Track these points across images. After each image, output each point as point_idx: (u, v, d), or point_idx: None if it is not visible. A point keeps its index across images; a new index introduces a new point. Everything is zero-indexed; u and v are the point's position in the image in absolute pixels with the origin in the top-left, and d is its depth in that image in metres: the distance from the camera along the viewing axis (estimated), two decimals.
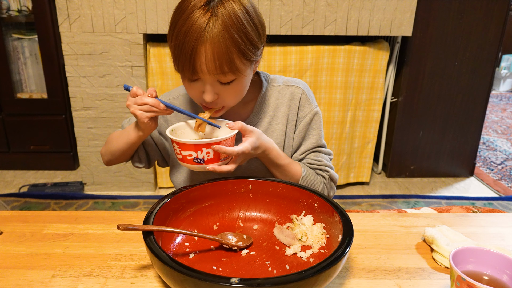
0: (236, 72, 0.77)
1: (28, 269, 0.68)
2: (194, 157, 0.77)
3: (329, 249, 0.69)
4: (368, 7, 1.98)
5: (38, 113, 2.41)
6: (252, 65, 0.82)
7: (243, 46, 0.75)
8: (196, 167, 0.79)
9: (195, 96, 0.84)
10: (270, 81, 0.97)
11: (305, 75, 2.10)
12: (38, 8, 2.19)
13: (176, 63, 0.78)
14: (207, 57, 0.74)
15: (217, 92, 0.80)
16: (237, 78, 0.79)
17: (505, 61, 4.62)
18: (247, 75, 0.81)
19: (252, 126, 0.83)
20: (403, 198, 2.30)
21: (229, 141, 0.78)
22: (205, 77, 0.78)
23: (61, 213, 0.86)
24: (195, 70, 0.76)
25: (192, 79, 0.80)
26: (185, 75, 0.79)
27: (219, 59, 0.74)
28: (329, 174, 0.96)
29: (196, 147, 0.76)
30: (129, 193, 2.29)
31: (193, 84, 0.81)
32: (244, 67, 0.79)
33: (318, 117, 0.97)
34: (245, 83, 0.83)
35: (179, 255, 0.69)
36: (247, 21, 0.76)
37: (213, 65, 0.74)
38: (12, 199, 2.19)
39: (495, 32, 2.22)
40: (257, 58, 0.82)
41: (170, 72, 2.06)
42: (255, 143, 0.81)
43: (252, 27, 0.77)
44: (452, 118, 2.40)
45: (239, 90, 0.82)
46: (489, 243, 0.78)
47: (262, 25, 0.81)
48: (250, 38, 0.77)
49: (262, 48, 0.83)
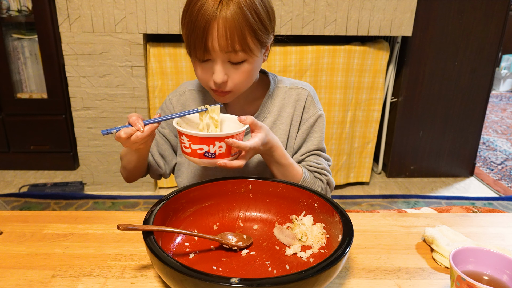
0: (248, 51, 0.78)
1: (28, 269, 0.68)
2: (205, 151, 0.74)
3: (329, 249, 0.69)
4: (368, 7, 1.98)
5: (38, 113, 2.41)
6: (263, 50, 0.83)
7: (255, 25, 0.77)
8: (206, 162, 0.75)
9: (204, 79, 0.84)
10: (277, 82, 0.98)
11: (305, 75, 2.10)
12: (38, 8, 2.19)
13: (188, 42, 0.79)
14: (220, 34, 0.75)
15: (227, 73, 0.81)
16: (247, 60, 0.80)
17: (505, 61, 4.62)
18: (257, 57, 0.82)
19: (261, 122, 0.83)
20: (403, 198, 2.30)
21: (240, 135, 0.76)
22: (216, 56, 0.78)
23: (61, 213, 0.86)
24: (207, 48, 0.77)
25: (203, 59, 0.80)
26: (196, 54, 0.79)
27: (231, 36, 0.75)
28: (327, 179, 0.96)
29: (208, 140, 0.73)
30: (129, 193, 2.29)
31: (204, 65, 0.81)
32: (255, 47, 0.80)
33: (321, 120, 0.97)
34: (254, 67, 0.83)
35: (179, 255, 0.69)
36: (259, 3, 0.78)
37: (225, 42, 0.76)
38: (12, 199, 2.19)
39: (495, 32, 2.22)
40: (267, 42, 0.83)
41: (170, 72, 2.07)
42: (264, 139, 0.81)
43: (264, 10, 0.79)
44: (452, 118, 2.40)
45: (248, 73, 0.83)
46: (489, 243, 0.78)
47: (272, 10, 0.83)
48: (261, 18, 0.78)
49: (272, 34, 0.84)
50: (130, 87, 2.08)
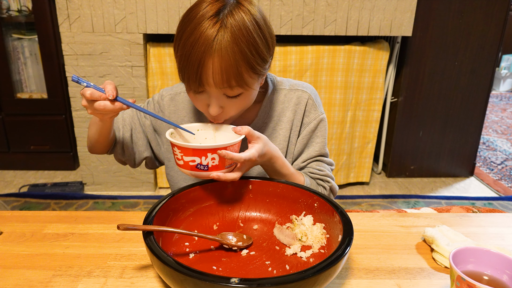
0: (244, 86, 0.75)
1: (28, 269, 0.68)
2: (197, 163, 0.72)
3: (329, 249, 0.69)
4: (368, 7, 1.98)
5: (38, 113, 2.41)
6: (260, 78, 0.80)
7: (252, 60, 0.73)
8: (198, 174, 0.73)
9: (201, 108, 0.82)
10: (276, 84, 0.94)
11: (305, 75, 2.10)
12: (38, 8, 2.19)
13: (182, 74, 0.76)
14: (215, 70, 0.71)
15: (223, 105, 0.78)
16: (244, 92, 0.77)
17: (505, 61, 4.62)
18: (254, 88, 0.79)
19: (258, 132, 0.80)
20: (403, 198, 2.30)
21: (235, 146, 0.74)
22: (211, 90, 0.75)
23: (61, 213, 0.86)
24: (201, 83, 0.73)
25: (197, 91, 0.77)
26: (190, 87, 0.77)
27: (227, 73, 0.71)
28: (330, 185, 0.94)
29: (200, 152, 0.71)
30: (129, 193, 2.29)
31: (198, 96, 0.79)
32: (252, 80, 0.76)
33: (323, 124, 0.94)
34: (251, 97, 0.81)
35: (179, 255, 0.69)
36: (257, 34, 0.73)
37: (220, 79, 0.72)
38: (12, 199, 2.19)
39: (495, 32, 2.22)
40: (265, 72, 0.80)
41: (170, 72, 2.07)
42: (262, 150, 0.77)
43: (261, 40, 0.74)
44: (452, 118, 2.40)
45: (245, 103, 0.80)
46: (489, 243, 0.78)
47: (272, 37, 0.78)
48: (259, 51, 0.74)
49: (270, 61, 0.80)
50: (130, 87, 2.08)
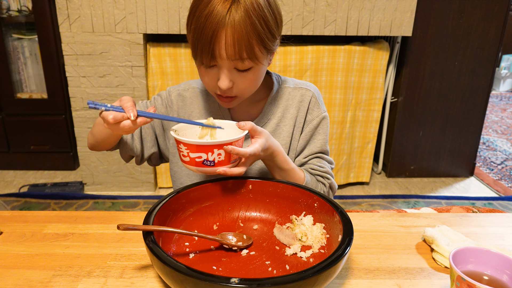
0: (254, 60, 0.78)
1: (28, 269, 0.68)
2: (204, 159, 0.73)
3: (329, 249, 0.69)
4: (368, 7, 1.98)
5: (38, 113, 2.41)
6: (268, 55, 0.82)
7: (262, 34, 0.76)
8: (204, 170, 0.74)
9: (210, 84, 0.83)
10: (281, 83, 0.97)
11: (305, 75, 2.10)
12: (38, 8, 2.19)
13: (195, 48, 0.78)
14: (227, 42, 0.74)
15: (233, 79, 0.80)
16: (253, 67, 0.79)
17: (505, 61, 4.62)
18: (263, 64, 0.82)
19: (261, 127, 0.81)
20: (403, 198, 2.30)
21: (240, 141, 0.75)
22: (222, 63, 0.77)
23: (61, 213, 0.86)
24: (214, 55, 0.76)
25: (209, 65, 0.79)
26: (202, 60, 0.78)
27: (239, 45, 0.74)
28: (330, 183, 0.95)
29: (207, 148, 0.72)
30: (129, 193, 2.29)
31: (209, 70, 0.80)
32: (262, 55, 0.79)
33: (325, 122, 0.96)
34: (260, 73, 0.83)
35: (179, 255, 0.69)
36: (267, 10, 0.76)
37: (232, 50, 0.75)
38: (12, 199, 2.19)
39: (495, 32, 2.22)
40: (274, 49, 0.82)
41: (170, 72, 2.07)
42: (265, 144, 0.79)
43: (272, 16, 0.78)
44: (452, 118, 2.40)
45: (254, 79, 0.82)
46: (489, 243, 0.78)
47: (280, 15, 0.82)
48: (269, 26, 0.77)
49: (278, 39, 0.83)
50: (130, 87, 2.08)
